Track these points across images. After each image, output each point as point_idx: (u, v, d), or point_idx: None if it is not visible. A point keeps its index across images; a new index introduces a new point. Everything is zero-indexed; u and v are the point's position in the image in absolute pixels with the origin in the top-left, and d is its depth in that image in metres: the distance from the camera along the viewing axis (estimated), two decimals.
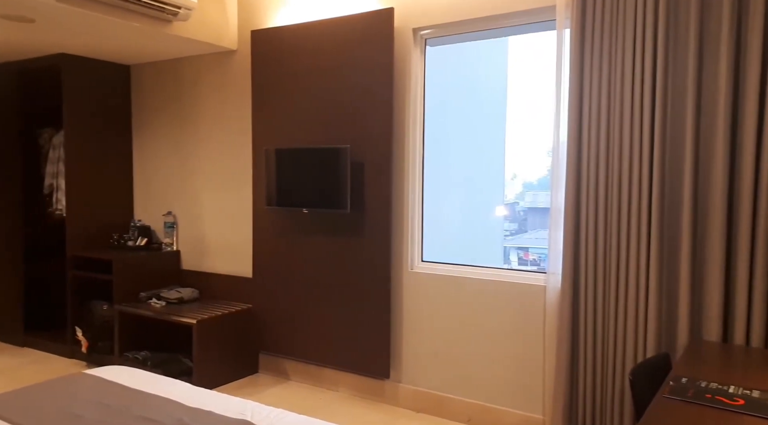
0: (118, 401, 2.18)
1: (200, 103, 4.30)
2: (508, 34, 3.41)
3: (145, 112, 4.63)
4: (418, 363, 3.46)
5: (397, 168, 3.46)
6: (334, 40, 3.54)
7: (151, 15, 3.40)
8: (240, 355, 3.96)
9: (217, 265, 4.28)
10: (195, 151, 4.35)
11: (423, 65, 3.45)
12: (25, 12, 3.16)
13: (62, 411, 2.08)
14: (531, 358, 3.09)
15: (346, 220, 3.57)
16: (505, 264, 6.39)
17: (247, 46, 3.98)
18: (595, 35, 2.72)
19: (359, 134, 3.48)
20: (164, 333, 4.19)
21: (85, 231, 4.40)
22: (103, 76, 4.50)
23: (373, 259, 3.47)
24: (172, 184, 4.50)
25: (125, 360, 3.86)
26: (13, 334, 4.67)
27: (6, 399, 2.22)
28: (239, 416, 2.07)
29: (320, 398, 3.64)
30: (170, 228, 4.47)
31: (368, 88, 3.43)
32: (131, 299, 4.11)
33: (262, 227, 3.94)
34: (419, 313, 3.43)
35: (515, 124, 6.04)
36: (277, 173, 3.70)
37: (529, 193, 7.24)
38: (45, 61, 4.31)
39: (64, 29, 3.54)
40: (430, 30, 3.36)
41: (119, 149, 4.64)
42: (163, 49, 4.07)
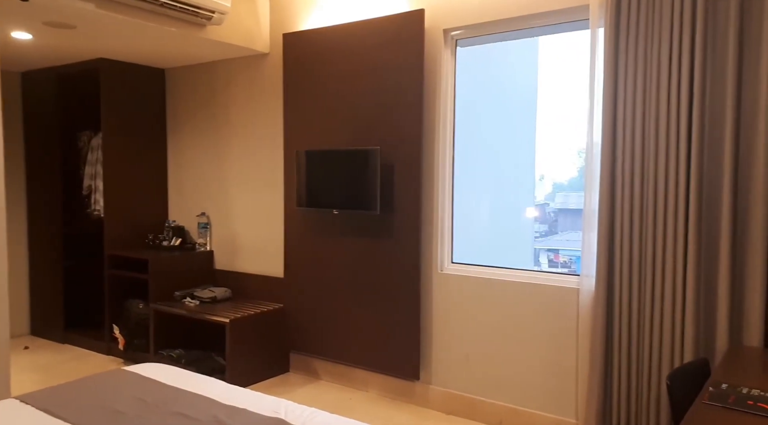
0: (155, 397, 2.23)
1: (233, 106, 4.37)
2: (539, 34, 3.38)
3: (180, 114, 4.72)
4: (448, 365, 3.45)
5: (427, 169, 3.46)
6: (365, 42, 3.56)
7: (186, 20, 3.48)
8: (271, 354, 4.01)
9: (249, 265, 4.34)
10: (228, 152, 4.42)
11: (453, 66, 3.44)
12: (67, 19, 3.26)
13: (103, 406, 2.14)
14: (563, 361, 3.05)
15: (375, 221, 3.58)
16: (535, 266, 6.32)
17: (279, 49, 4.03)
18: (630, 34, 2.68)
19: (389, 136, 3.49)
20: (198, 331, 4.27)
21: (121, 231, 4.51)
22: (140, 80, 4.61)
23: (403, 260, 3.48)
24: (205, 185, 4.59)
25: (160, 358, 3.95)
26: (54, 331, 4.81)
27: (49, 393, 2.29)
28: (272, 414, 2.10)
29: (350, 398, 3.66)
30: (204, 228, 4.56)
31: (398, 90, 3.44)
32: (166, 298, 4.20)
33: (293, 228, 3.98)
34: (449, 315, 3.42)
35: (546, 124, 5.97)
36: (307, 174, 3.74)
37: (559, 194, 7.14)
38: (84, 66, 4.44)
39: (103, 35, 3.64)
40: (461, 31, 3.36)
41: (154, 151, 4.75)
42: (197, 52, 4.15)
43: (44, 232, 4.85)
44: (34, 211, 4.93)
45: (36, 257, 4.94)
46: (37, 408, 2.12)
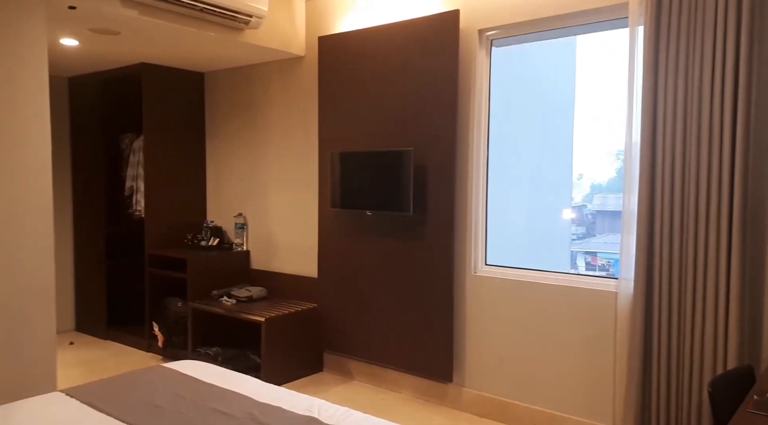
0: (192, 393, 2.28)
1: (269, 108, 4.44)
2: (577, 33, 3.32)
3: (218, 117, 4.82)
4: (482, 367, 3.42)
5: (461, 170, 3.44)
6: (399, 43, 3.57)
7: (225, 24, 3.55)
8: (305, 353, 4.05)
9: (284, 265, 4.40)
10: (264, 154, 4.49)
11: (488, 66, 3.42)
12: (112, 25, 3.37)
13: (143, 401, 2.20)
14: (600, 366, 2.99)
15: (408, 222, 3.58)
16: (572, 269, 6.20)
17: (315, 52, 4.07)
18: (671, 32, 2.61)
19: (423, 137, 3.49)
20: (234, 330, 4.35)
21: (161, 231, 4.63)
22: (180, 83, 4.73)
23: (436, 262, 3.47)
24: (242, 187, 4.67)
25: (198, 356, 4.03)
26: (97, 328, 4.97)
27: (93, 388, 2.37)
28: (306, 413, 2.12)
29: (383, 398, 3.66)
30: (241, 229, 4.64)
31: (432, 91, 3.44)
32: (204, 297, 4.29)
33: (327, 228, 4.02)
34: (483, 317, 3.40)
35: (583, 124, 5.86)
36: (341, 176, 3.77)
37: (597, 196, 6.99)
38: (127, 70, 4.58)
39: (145, 40, 3.75)
40: (496, 31, 3.33)
41: (193, 153, 4.86)
42: (235, 56, 4.23)
43: (89, 232, 5.02)
44: (79, 212, 5.11)
45: (81, 256, 5.12)
46: (81, 401, 2.20)
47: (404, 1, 3.61)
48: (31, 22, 2.79)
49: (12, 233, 2.77)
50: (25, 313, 2.83)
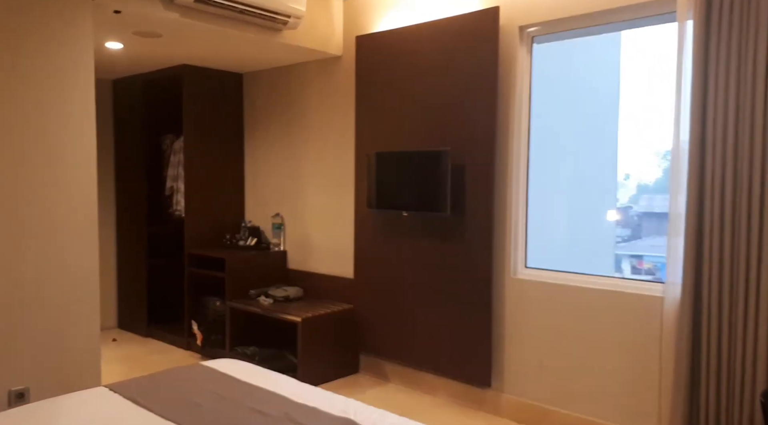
0: (230, 392, 2.30)
1: (307, 109, 4.46)
2: (622, 29, 3.22)
3: (256, 117, 4.88)
4: (521, 373, 3.35)
5: (500, 170, 3.38)
6: (437, 42, 3.53)
7: (264, 25, 3.58)
8: (341, 354, 4.05)
9: (320, 265, 4.41)
10: (301, 154, 4.52)
11: (529, 64, 3.35)
12: (154, 28, 3.44)
13: (182, 398, 2.23)
14: (645, 374, 2.89)
15: (446, 223, 3.54)
16: (617, 272, 6.03)
17: (352, 52, 4.07)
18: (722, 27, 2.50)
19: (461, 136, 3.44)
20: (271, 329, 4.39)
21: (200, 230, 4.71)
22: (219, 84, 4.80)
23: (474, 264, 3.42)
24: (280, 187, 4.70)
25: (235, 354, 4.08)
26: (139, 325, 5.09)
27: (135, 384, 2.41)
28: (342, 414, 2.11)
29: (419, 402, 3.63)
30: (278, 229, 4.67)
31: (471, 89, 3.38)
32: (241, 296, 4.34)
33: (363, 229, 4.01)
34: (523, 321, 3.32)
35: (629, 122, 5.68)
36: (377, 176, 3.75)
37: (644, 197, 6.78)
38: (168, 72, 4.67)
39: (186, 42, 3.82)
40: (538, 27, 3.26)
41: (232, 153, 4.92)
42: (274, 56, 4.27)
43: (130, 232, 5.14)
44: (122, 211, 5.24)
45: (123, 255, 5.25)
46: (124, 396, 2.24)
47: (443, 0, 3.57)
48: (78, 27, 2.86)
49: (58, 233, 2.85)
50: (71, 310, 2.91)
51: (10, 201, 2.68)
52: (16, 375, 2.74)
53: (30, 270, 2.76)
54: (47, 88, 2.78)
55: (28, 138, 2.73)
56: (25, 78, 2.70)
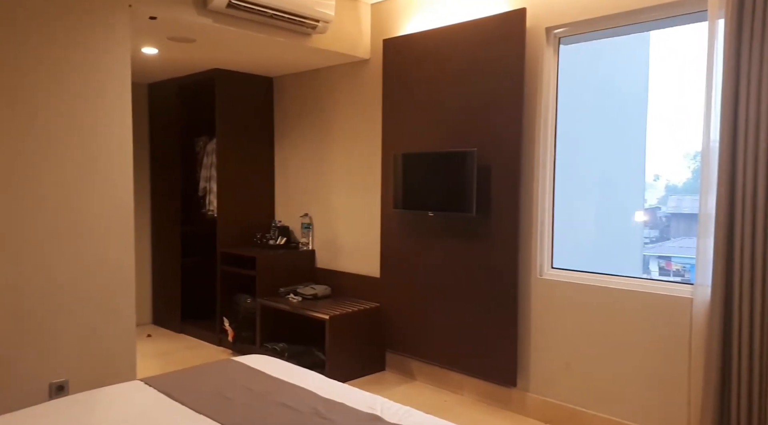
0: (260, 387, 2.37)
1: (335, 111, 4.52)
2: (651, 29, 3.19)
3: (286, 120, 4.96)
4: (547, 373, 3.35)
5: (526, 170, 3.38)
6: (464, 44, 3.55)
7: (293, 29, 3.65)
8: (368, 352, 4.10)
9: (347, 264, 4.47)
10: (329, 156, 4.58)
11: (556, 65, 3.34)
12: (188, 33, 3.55)
13: (214, 393, 2.30)
14: (673, 376, 2.86)
15: (471, 224, 3.55)
16: (644, 273, 5.94)
17: (379, 55, 4.12)
18: (755, 25, 2.46)
19: (487, 137, 3.46)
20: (300, 326, 4.46)
21: (232, 230, 4.82)
22: (250, 88, 4.90)
23: (500, 264, 3.43)
24: (308, 187, 4.78)
25: (265, 351, 4.16)
26: (172, 322, 5.23)
27: (169, 378, 2.50)
28: (369, 410, 2.15)
29: (445, 400, 3.65)
30: (306, 228, 4.75)
31: (497, 91, 3.40)
32: (271, 293, 4.43)
33: (389, 229, 4.05)
34: (549, 322, 3.32)
35: (657, 123, 5.60)
36: (404, 177, 3.79)
37: (672, 197, 6.65)
38: (201, 76, 4.79)
39: (219, 47, 3.92)
40: (565, 28, 3.25)
41: (263, 155, 5.02)
42: (303, 60, 4.34)
43: (165, 230, 5.29)
44: (157, 211, 5.39)
45: (158, 253, 5.40)
46: (158, 390, 2.32)
47: (469, 2, 3.59)
48: (116, 33, 2.97)
49: (97, 231, 2.96)
50: (108, 307, 3.02)
51: (50, 200, 2.80)
52: (57, 368, 2.86)
53: (69, 267, 2.88)
54: (87, 93, 2.89)
55: (68, 140, 2.85)
56: (65, 83, 2.82)
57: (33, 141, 2.73)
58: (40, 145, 2.75)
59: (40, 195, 2.76)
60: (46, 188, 2.79)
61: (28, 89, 2.71)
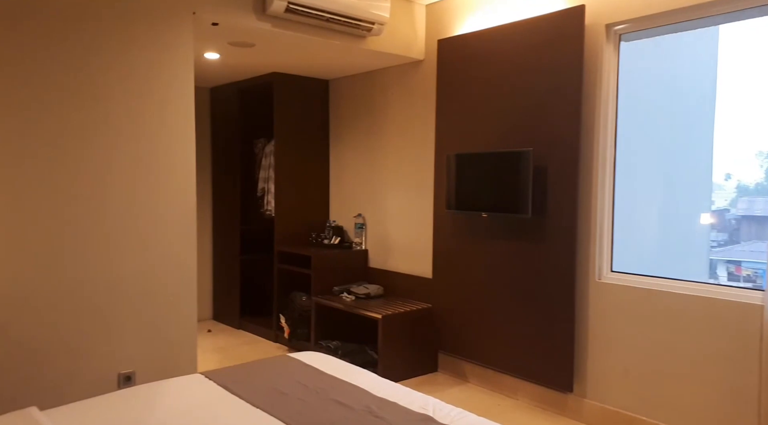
0: (315, 383, 2.41)
1: (388, 113, 4.55)
2: (720, 23, 3.05)
3: (341, 122, 5.03)
4: (605, 379, 3.25)
5: (585, 171, 3.30)
6: (519, 43, 3.50)
7: (349, 32, 3.70)
8: (420, 352, 4.10)
9: (399, 265, 4.49)
10: (383, 157, 4.62)
11: (616, 62, 3.24)
12: (248, 38, 3.66)
13: (270, 387, 2.36)
14: (742, 386, 2.72)
15: (527, 225, 3.50)
16: (711, 278, 5.66)
17: (433, 55, 4.11)
18: None
19: (543, 137, 3.39)
20: (353, 325, 4.52)
21: (289, 229, 4.93)
22: (307, 91, 5.00)
23: (557, 266, 3.36)
24: (362, 188, 4.83)
25: (319, 348, 4.24)
26: (232, 318, 5.40)
27: (227, 372, 2.59)
28: (421, 410, 2.16)
29: (499, 404, 3.61)
30: (360, 228, 4.80)
31: (554, 90, 3.33)
32: (325, 292, 4.50)
33: (442, 230, 4.04)
34: (608, 327, 3.23)
35: (727, 121, 5.33)
36: (457, 178, 3.77)
37: (743, 199, 6.31)
38: (260, 80, 4.93)
39: (277, 51, 4.02)
40: (626, 25, 3.15)
41: (318, 156, 5.11)
42: (358, 62, 4.40)
43: (225, 229, 5.47)
44: (218, 211, 5.58)
45: (218, 251, 5.59)
46: (217, 383, 2.41)
47: (526, 0, 3.54)
48: (180, 39, 3.10)
49: (161, 230, 3.10)
50: (172, 302, 3.15)
51: (118, 200, 2.96)
52: (125, 360, 3.01)
53: (136, 264, 3.02)
54: (153, 97, 3.03)
55: (135, 142, 2.99)
56: (133, 88, 2.97)
57: (103, 143, 2.89)
58: (110, 147, 2.91)
59: (109, 195, 2.92)
60: (115, 188, 2.94)
61: (100, 95, 2.87)
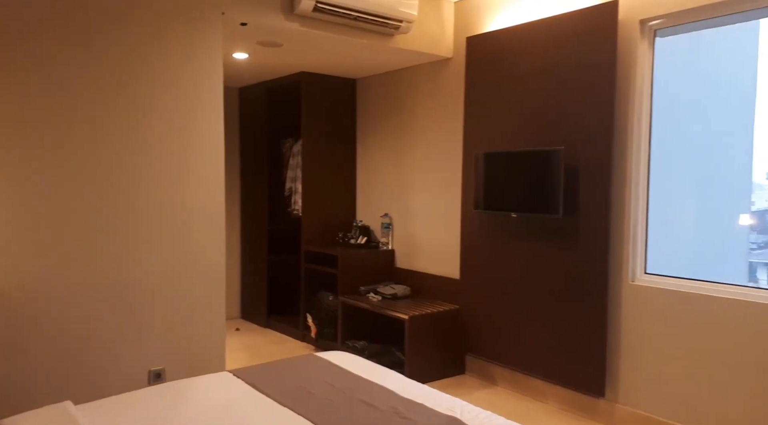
0: (342, 383, 2.40)
1: (415, 111, 4.52)
2: (760, 17, 2.94)
3: (368, 121, 5.02)
4: (638, 384, 3.17)
5: (618, 170, 3.22)
6: (550, 39, 3.43)
7: (376, 31, 3.69)
8: (447, 354, 4.06)
9: (426, 265, 4.46)
10: (410, 156, 4.59)
11: (651, 59, 3.16)
12: (276, 38, 3.67)
13: (297, 386, 2.36)
14: None
15: (557, 225, 3.43)
16: (751, 282, 5.48)
17: (462, 53, 4.07)
18: None
19: (574, 136, 3.32)
20: (379, 325, 4.50)
21: (316, 229, 4.94)
22: (334, 90, 5.00)
23: (588, 268, 3.28)
24: (388, 188, 4.81)
25: (346, 348, 4.23)
26: (259, 317, 5.44)
27: (255, 370, 2.60)
28: (448, 412, 2.13)
29: (528, 408, 3.55)
30: (386, 228, 4.78)
31: (587, 87, 3.26)
32: (352, 292, 4.50)
33: (470, 230, 3.99)
34: (641, 330, 3.14)
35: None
36: (485, 177, 3.72)
37: None
38: (288, 80, 4.95)
39: (304, 50, 4.03)
40: (662, 20, 3.06)
41: (345, 156, 5.11)
42: (385, 61, 4.38)
43: (253, 229, 5.51)
44: (246, 210, 5.63)
45: (246, 250, 5.64)
46: (245, 382, 2.42)
47: None
48: (209, 39, 3.13)
49: (191, 228, 3.13)
50: (201, 300, 3.18)
51: (148, 200, 2.99)
52: (155, 357, 3.05)
53: (166, 263, 3.06)
54: (182, 97, 3.06)
55: (166, 142, 3.03)
56: (164, 88, 3.00)
57: (134, 144, 2.93)
58: (141, 148, 2.95)
59: (140, 195, 2.96)
60: (146, 188, 2.98)
61: (132, 95, 2.91)
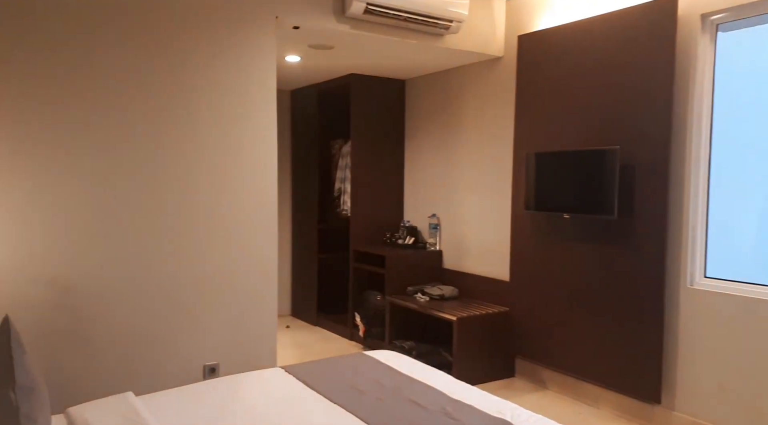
0: (391, 382, 2.42)
1: (465, 112, 4.50)
2: None
3: (416, 122, 5.03)
4: (696, 391, 3.05)
5: (676, 170, 3.11)
6: (606, 36, 3.35)
7: (426, 31, 3.69)
8: (496, 357, 4.02)
9: (475, 266, 4.42)
10: (458, 156, 4.57)
11: (713, 54, 3.04)
12: (327, 41, 3.73)
13: (347, 384, 2.39)
14: None
15: (611, 227, 3.34)
16: None
17: (513, 52, 4.02)
18: None
19: (630, 135, 3.23)
20: (427, 326, 4.50)
21: (364, 229, 4.98)
22: (383, 91, 5.04)
23: (644, 271, 3.18)
24: (436, 188, 4.80)
25: (393, 347, 4.25)
26: (309, 314, 5.53)
27: (306, 367, 2.65)
28: (498, 414, 2.11)
29: (579, 412, 3.47)
30: (434, 229, 4.78)
31: (643, 85, 3.16)
32: (400, 292, 4.51)
33: (520, 231, 3.94)
34: (700, 336, 3.03)
35: None
36: (536, 177, 3.66)
37: None
38: (338, 82, 5.01)
39: (355, 52, 4.08)
40: (725, 14, 2.94)
41: (393, 156, 5.14)
42: (434, 61, 4.37)
43: (304, 228, 5.61)
44: (297, 209, 5.74)
45: (297, 249, 5.74)
46: (296, 378, 2.47)
47: None
48: (263, 43, 3.21)
49: (244, 228, 3.22)
50: (254, 298, 3.26)
51: (205, 200, 3.09)
52: (209, 352, 3.14)
53: (221, 261, 3.15)
54: (237, 100, 3.15)
55: (221, 145, 3.12)
56: (219, 92, 3.10)
57: (191, 146, 3.04)
58: (198, 153, 3.05)
59: (196, 196, 3.06)
60: (202, 189, 3.08)
61: (189, 98, 3.01)
